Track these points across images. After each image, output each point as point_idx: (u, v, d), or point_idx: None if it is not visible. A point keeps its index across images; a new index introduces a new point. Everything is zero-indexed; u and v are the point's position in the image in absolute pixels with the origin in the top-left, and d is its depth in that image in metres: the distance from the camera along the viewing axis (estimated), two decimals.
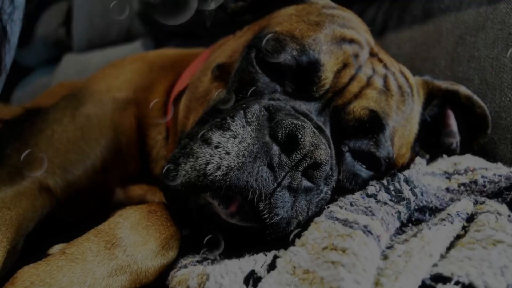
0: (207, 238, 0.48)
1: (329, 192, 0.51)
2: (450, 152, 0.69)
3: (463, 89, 0.68)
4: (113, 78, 0.77)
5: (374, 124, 0.54)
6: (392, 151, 0.57)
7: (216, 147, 0.46)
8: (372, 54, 0.59)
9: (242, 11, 0.68)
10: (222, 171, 0.45)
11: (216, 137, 0.47)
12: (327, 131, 0.53)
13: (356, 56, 0.56)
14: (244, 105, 0.50)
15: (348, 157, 0.55)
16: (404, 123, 0.59)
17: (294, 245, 0.44)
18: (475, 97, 0.68)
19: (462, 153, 0.69)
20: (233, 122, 0.48)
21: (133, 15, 1.38)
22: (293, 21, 0.58)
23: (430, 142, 0.69)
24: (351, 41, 0.57)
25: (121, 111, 0.71)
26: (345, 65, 0.55)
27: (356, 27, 0.60)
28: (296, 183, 0.47)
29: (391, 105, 0.56)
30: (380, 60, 0.60)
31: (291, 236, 0.46)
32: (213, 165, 0.45)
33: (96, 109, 0.70)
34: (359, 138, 0.55)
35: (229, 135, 0.47)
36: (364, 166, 0.56)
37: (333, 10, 0.62)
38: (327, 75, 0.54)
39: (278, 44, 0.54)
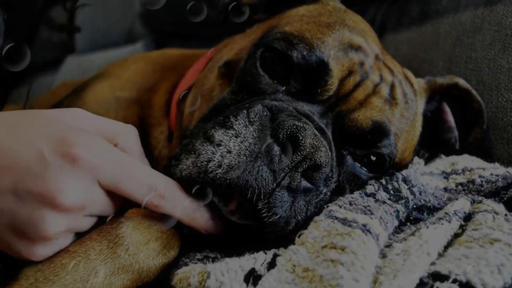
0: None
1: (329, 193, 0.52)
2: (450, 147, 0.70)
3: (462, 82, 0.69)
4: (116, 77, 0.78)
5: (377, 134, 0.55)
6: (395, 154, 0.57)
7: (218, 145, 0.47)
8: (378, 59, 0.60)
9: (255, 9, 0.68)
10: (223, 169, 0.46)
11: (219, 135, 0.47)
12: (329, 133, 0.54)
13: (362, 64, 0.56)
14: (247, 105, 0.51)
15: (349, 159, 0.56)
16: (408, 129, 0.60)
17: (294, 243, 0.45)
18: (473, 91, 0.69)
19: (461, 152, 0.69)
20: (236, 121, 0.48)
21: (135, 17, 1.39)
22: (304, 21, 0.58)
23: (430, 139, 0.70)
24: (358, 48, 0.57)
25: (123, 111, 0.71)
26: (350, 73, 0.55)
27: (365, 35, 0.60)
28: (295, 183, 0.47)
29: (395, 114, 0.57)
30: (387, 66, 0.60)
31: (294, 237, 0.46)
32: (214, 163, 0.46)
33: (99, 108, 0.71)
34: (361, 145, 0.55)
35: (232, 133, 0.47)
36: (365, 169, 0.56)
37: (344, 13, 0.63)
38: (334, 81, 0.54)
39: (287, 43, 0.54)
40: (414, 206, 0.54)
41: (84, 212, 0.43)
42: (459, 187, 0.58)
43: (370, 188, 0.52)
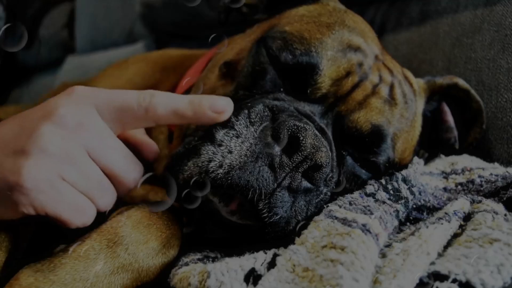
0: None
1: (329, 193, 0.52)
2: (450, 147, 0.70)
3: (461, 82, 0.69)
4: (116, 78, 0.78)
5: (375, 138, 0.55)
6: (393, 155, 0.58)
7: (219, 145, 0.47)
8: (378, 60, 0.60)
9: (255, 9, 0.68)
10: (224, 169, 0.46)
11: (220, 135, 0.48)
12: (329, 133, 0.54)
13: (361, 64, 0.57)
14: (249, 104, 0.51)
15: (348, 159, 0.56)
16: (407, 129, 0.60)
17: (293, 243, 0.45)
18: (473, 91, 0.69)
19: (460, 152, 0.69)
20: (237, 121, 0.48)
21: (135, 17, 1.39)
22: (304, 22, 0.58)
23: (430, 139, 0.70)
24: (357, 49, 0.57)
25: None
26: (348, 73, 0.55)
27: (365, 35, 0.60)
28: (296, 184, 0.47)
29: (395, 114, 0.57)
30: (387, 67, 0.60)
31: (294, 237, 0.46)
32: (215, 163, 0.46)
33: None
34: (360, 147, 0.56)
35: (233, 134, 0.47)
36: (364, 169, 0.57)
37: (344, 13, 0.63)
38: (324, 79, 0.54)
39: (284, 43, 0.55)
40: (414, 206, 0.54)
41: (80, 130, 0.43)
42: (459, 187, 0.58)
43: (370, 188, 0.52)
